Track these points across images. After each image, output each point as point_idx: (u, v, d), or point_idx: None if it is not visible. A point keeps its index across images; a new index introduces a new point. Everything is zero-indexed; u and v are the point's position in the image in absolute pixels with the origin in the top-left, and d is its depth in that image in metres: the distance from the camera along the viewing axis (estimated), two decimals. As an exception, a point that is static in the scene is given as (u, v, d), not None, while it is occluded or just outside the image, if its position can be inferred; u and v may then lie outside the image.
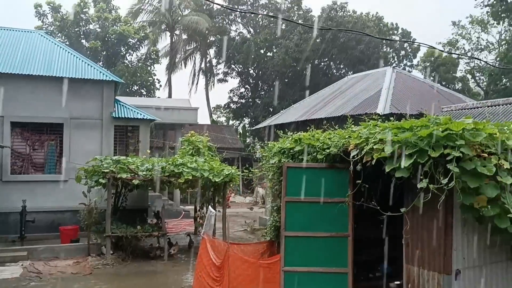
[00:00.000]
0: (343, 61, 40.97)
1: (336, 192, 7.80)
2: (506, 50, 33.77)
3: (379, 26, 41.91)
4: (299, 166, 8.24)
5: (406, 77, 19.26)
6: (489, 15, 37.28)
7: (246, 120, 48.20)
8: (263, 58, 43.42)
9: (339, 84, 21.11)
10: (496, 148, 5.88)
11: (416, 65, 45.24)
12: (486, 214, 5.72)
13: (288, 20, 40.53)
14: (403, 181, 6.27)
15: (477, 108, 12.52)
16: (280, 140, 9.65)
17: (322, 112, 16.65)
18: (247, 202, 30.41)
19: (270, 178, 9.63)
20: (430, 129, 5.89)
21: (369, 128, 7.09)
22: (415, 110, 13.48)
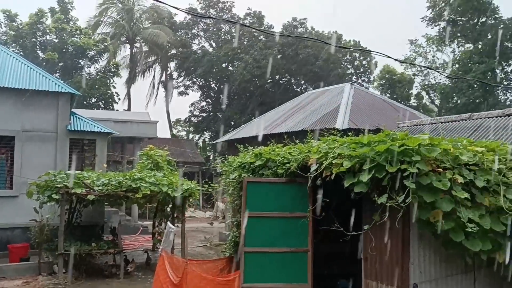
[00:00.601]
0: (303, 77, 41.62)
1: (296, 207, 7.79)
2: (457, 69, 35.32)
3: (339, 43, 42.93)
4: (259, 181, 8.20)
5: (364, 93, 19.74)
6: (441, 37, 39.03)
7: (207, 134, 47.96)
8: (225, 72, 43.52)
9: (299, 99, 21.36)
10: (451, 163, 6.04)
11: (373, 82, 46.56)
12: (442, 228, 5.83)
13: (261, 30, 40.87)
14: (362, 196, 6.32)
15: (432, 124, 12.93)
16: (240, 155, 9.59)
17: (282, 126, 16.76)
18: (207, 216, 30.04)
19: (230, 193, 9.55)
20: (388, 144, 5.99)
21: (328, 143, 7.15)
22: (373, 125, 13.79)
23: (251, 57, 38.85)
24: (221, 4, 44.82)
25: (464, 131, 11.08)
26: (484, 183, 6.10)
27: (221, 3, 44.82)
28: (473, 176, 6.10)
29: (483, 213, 5.98)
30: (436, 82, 42.32)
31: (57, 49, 34.12)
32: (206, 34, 46.30)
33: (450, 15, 36.12)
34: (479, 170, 6.24)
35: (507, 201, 6.06)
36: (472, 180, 6.07)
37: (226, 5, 44.91)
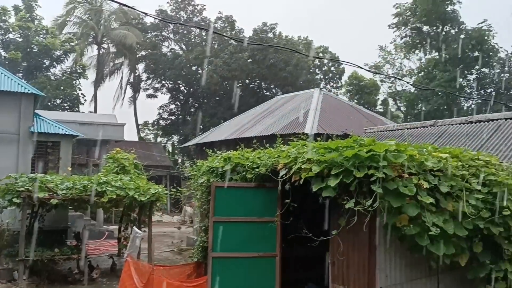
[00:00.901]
0: (272, 82, 41.82)
1: (265, 212, 7.77)
2: (422, 77, 36.29)
3: (308, 49, 43.37)
4: (228, 185, 8.14)
5: (332, 99, 20.00)
6: (407, 45, 40.04)
7: (175, 137, 47.48)
8: (195, 75, 43.26)
9: (269, 104, 21.44)
10: (416, 169, 6.16)
11: (341, 87, 47.23)
12: (408, 233, 5.93)
13: (237, 40, 40.79)
14: (330, 200, 6.36)
15: (398, 130, 13.20)
16: (209, 159, 9.51)
17: (252, 131, 16.76)
18: (174, 221, 29.67)
19: (198, 198, 9.44)
20: (355, 150, 6.05)
21: (297, 148, 7.17)
22: (340, 130, 13.96)
23: (222, 60, 38.78)
24: (192, 7, 44.59)
25: (429, 138, 11.35)
26: (448, 189, 6.26)
27: (192, 6, 44.59)
28: (438, 182, 6.24)
29: (447, 218, 6.12)
30: (403, 89, 43.36)
31: (21, 48, 33.08)
32: (176, 37, 45.93)
33: (415, 24, 37.10)
34: (444, 176, 6.39)
35: (469, 207, 6.22)
36: (437, 185, 6.21)
37: (196, 8, 44.70)
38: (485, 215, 6.35)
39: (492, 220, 6.43)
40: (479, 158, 7.13)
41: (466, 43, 32.62)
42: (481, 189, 6.48)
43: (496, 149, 9.17)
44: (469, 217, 6.18)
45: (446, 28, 35.88)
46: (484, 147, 9.52)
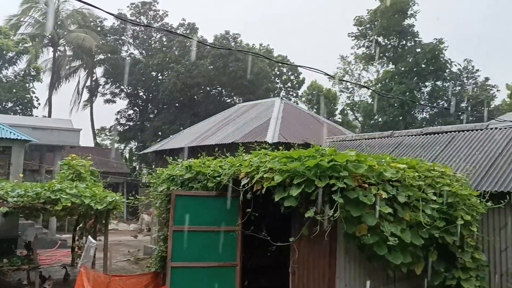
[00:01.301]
0: (233, 90, 41.84)
1: (226, 221, 7.70)
2: (379, 88, 37.32)
3: (268, 57, 43.67)
4: (189, 194, 8.03)
5: (293, 108, 20.17)
6: (365, 56, 41.17)
7: (133, 143, 46.54)
8: (155, 81, 42.65)
9: (230, 112, 21.39)
10: (375, 179, 6.29)
11: (301, 97, 47.85)
12: (367, 242, 6.04)
13: (204, 44, 40.46)
14: (291, 210, 6.38)
15: (356, 140, 13.46)
16: (169, 167, 9.35)
17: (213, 138, 16.63)
18: (131, 229, 28.99)
19: (158, 206, 9.25)
20: (317, 159, 6.11)
21: (259, 157, 7.17)
22: (301, 140, 14.08)
23: (183, 67, 38.45)
24: (153, 12, 44.05)
25: (386, 148, 11.63)
26: (405, 199, 6.42)
27: (153, 11, 44.06)
28: (396, 192, 6.40)
29: (404, 228, 6.28)
30: (360, 99, 44.41)
31: (-30, 48, 31.60)
32: (136, 41, 45.19)
33: (374, 36, 38.21)
34: (401, 186, 6.56)
35: (425, 216, 6.41)
36: (395, 195, 6.36)
37: (158, 13, 44.20)
38: (440, 225, 6.56)
39: (446, 230, 6.66)
40: (435, 169, 7.37)
41: (421, 57, 33.86)
42: (437, 199, 6.69)
43: (450, 160, 9.51)
44: (425, 226, 6.36)
45: (402, 42, 37.12)
46: (439, 158, 9.85)
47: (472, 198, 7.14)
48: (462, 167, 8.84)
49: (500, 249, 7.91)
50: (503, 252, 7.87)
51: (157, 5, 44.07)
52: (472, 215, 6.94)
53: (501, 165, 8.62)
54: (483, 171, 8.63)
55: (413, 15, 35.92)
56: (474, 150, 9.67)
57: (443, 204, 6.75)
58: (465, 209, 6.83)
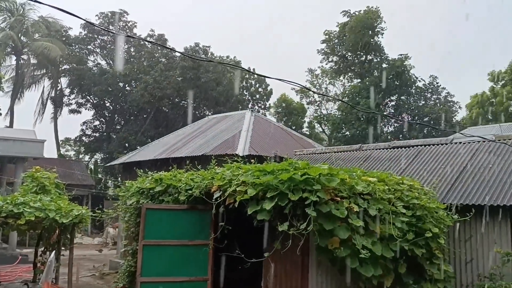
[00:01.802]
0: (203, 101, 41.70)
1: (197, 235, 7.61)
2: (347, 101, 38.01)
3: (236, 71, 43.82)
4: (159, 207, 7.89)
5: (263, 121, 20.26)
6: (333, 71, 41.97)
7: (99, 155, 45.52)
8: (122, 92, 42.02)
9: (200, 124, 21.27)
10: (347, 192, 6.36)
11: (269, 109, 48.20)
12: (339, 255, 6.08)
13: (183, 53, 40.11)
14: (264, 223, 6.37)
15: (326, 153, 13.61)
16: (139, 180, 9.18)
17: (182, 150, 16.47)
18: (95, 243, 28.22)
19: (126, 220, 9.03)
20: (291, 173, 6.14)
21: (232, 170, 7.14)
22: (272, 152, 14.13)
23: (152, 78, 38.08)
24: (123, 22, 43.58)
25: (355, 161, 11.81)
26: (376, 212, 6.51)
27: (123, 21, 43.60)
28: (367, 205, 6.49)
29: (375, 240, 6.36)
30: (328, 113, 45.12)
31: None
32: (103, 52, 44.50)
33: (341, 51, 39.02)
34: (372, 199, 6.66)
35: (395, 229, 6.51)
36: (366, 208, 6.44)
37: (127, 24, 43.75)
38: (409, 237, 6.67)
39: (415, 242, 6.78)
40: (404, 182, 7.53)
41: (388, 72, 34.77)
42: (406, 212, 6.81)
43: (417, 174, 9.74)
44: (395, 239, 6.46)
45: (369, 57, 38.06)
46: (406, 171, 10.07)
47: (439, 211, 7.31)
48: (429, 181, 9.06)
49: (465, 261, 8.12)
50: (469, 263, 8.08)
51: (127, 16, 43.67)
52: (440, 227, 7.10)
53: (465, 179, 8.89)
54: (449, 185, 8.87)
55: (380, 32, 36.96)
56: (440, 164, 9.94)
57: (412, 217, 6.88)
58: (433, 222, 6.98)
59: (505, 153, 9.13)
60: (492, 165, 8.98)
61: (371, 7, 36.57)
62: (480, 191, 8.26)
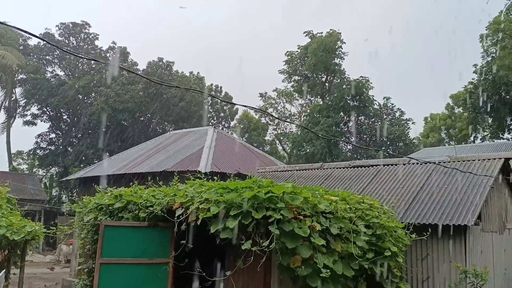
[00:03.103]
0: (165, 117, 41.28)
1: (158, 253, 7.43)
2: (307, 121, 38.63)
3: (200, 85, 43.80)
4: (118, 224, 7.67)
5: (226, 137, 20.24)
6: (294, 90, 42.68)
7: (54, 169, 43.97)
8: (81, 104, 40.97)
9: (161, 139, 21.01)
10: (310, 211, 6.41)
11: (233, 127, 48.32)
12: (300, 274, 6.08)
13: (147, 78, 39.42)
14: (227, 242, 6.30)
15: (288, 171, 13.71)
16: (97, 195, 8.92)
17: (143, 166, 16.17)
18: (47, 261, 27.04)
19: (83, 237, 8.72)
20: (255, 191, 6.13)
21: (195, 187, 7.06)
22: (234, 170, 14.11)
23: (113, 91, 37.38)
24: (84, 34, 42.74)
25: (317, 180, 11.95)
26: (337, 230, 6.59)
27: (84, 33, 42.75)
28: (329, 224, 6.55)
29: (336, 259, 6.41)
30: (289, 131, 45.67)
31: None
32: (62, 63, 43.37)
33: (303, 71, 39.79)
34: (334, 217, 6.73)
35: (356, 248, 6.60)
36: (328, 227, 6.50)
37: (89, 36, 42.94)
38: (369, 256, 6.77)
39: (375, 261, 6.88)
40: (364, 201, 7.67)
41: (347, 93, 35.64)
42: (366, 231, 6.93)
43: (376, 193, 9.96)
44: (356, 258, 6.54)
45: (330, 78, 38.98)
46: (366, 190, 10.28)
47: (398, 230, 7.48)
48: (388, 200, 9.28)
49: (422, 279, 8.32)
50: (425, 281, 8.29)
51: (89, 28, 42.87)
52: (398, 246, 7.25)
53: (422, 198, 9.16)
54: (407, 204, 9.12)
55: (340, 56, 37.97)
56: (398, 183, 10.22)
57: (372, 235, 7.00)
58: (392, 241, 7.13)
59: (458, 174, 9.50)
60: (447, 186, 9.31)
61: (333, 30, 37.61)
62: (436, 210, 8.54)
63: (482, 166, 9.72)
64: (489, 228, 9.39)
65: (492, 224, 9.61)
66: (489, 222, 9.46)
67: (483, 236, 9.02)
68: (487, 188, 8.81)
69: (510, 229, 10.79)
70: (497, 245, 9.75)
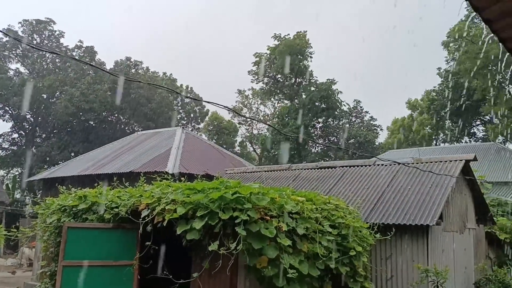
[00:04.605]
0: (133, 117, 40.68)
1: (123, 255, 7.31)
2: (276, 122, 38.89)
3: (171, 86, 43.39)
4: (82, 226, 7.51)
5: (194, 138, 20.13)
6: (264, 91, 42.83)
7: (16, 170, 42.60)
8: (45, 104, 39.88)
9: (129, 140, 20.70)
10: (277, 211, 6.44)
11: (203, 128, 48.03)
12: (267, 274, 6.10)
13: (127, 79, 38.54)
14: (194, 243, 6.27)
15: (256, 172, 13.75)
16: (60, 196, 8.71)
17: (109, 167, 15.89)
18: (8, 264, 26.13)
19: (45, 239, 8.49)
20: (221, 192, 6.12)
21: (162, 188, 6.99)
22: (202, 170, 14.05)
23: (78, 90, 36.55)
24: (48, 32, 41.61)
25: (285, 180, 12.03)
26: (304, 231, 6.64)
27: (48, 30, 41.63)
28: (295, 224, 6.60)
29: (302, 259, 6.46)
30: (259, 132, 45.78)
31: None
32: (25, 60, 42.11)
33: (272, 73, 40.00)
34: (300, 218, 6.79)
35: (322, 248, 6.68)
36: (294, 227, 6.55)
37: (54, 33, 41.84)
38: (335, 256, 6.87)
39: (340, 260, 6.99)
40: (330, 202, 7.77)
41: (316, 95, 36.06)
42: (332, 231, 7.02)
43: (343, 194, 10.11)
44: (322, 258, 6.62)
45: (298, 80, 39.34)
46: (332, 191, 10.43)
47: (363, 230, 7.62)
48: (353, 200, 9.44)
49: (386, 278, 8.50)
50: (389, 280, 8.47)
51: (54, 26, 41.79)
52: (363, 246, 7.39)
53: (387, 199, 9.37)
54: (372, 204, 9.30)
55: (308, 57, 38.38)
56: (363, 184, 10.40)
57: (338, 235, 7.10)
58: (357, 241, 7.26)
59: (422, 175, 9.76)
60: (411, 187, 9.55)
61: (300, 32, 37.99)
62: (400, 211, 8.74)
63: (444, 167, 10.02)
64: (450, 228, 9.69)
65: (453, 224, 9.92)
66: (450, 222, 9.76)
67: (445, 236, 9.30)
68: (448, 189, 9.08)
69: (470, 228, 11.16)
70: (458, 244, 10.07)
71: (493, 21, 2.34)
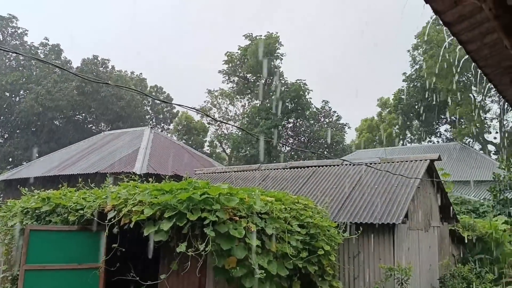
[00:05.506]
0: (101, 116, 39.90)
1: (88, 258, 7.13)
2: (246, 122, 38.90)
3: (141, 86, 42.83)
4: (46, 229, 7.29)
5: (163, 139, 19.89)
6: (234, 91, 42.80)
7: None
8: (8, 102, 38.63)
9: (95, 139, 20.27)
10: (246, 211, 6.43)
11: (172, 129, 47.56)
12: (235, 275, 6.08)
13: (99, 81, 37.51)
14: (162, 244, 6.18)
15: (226, 172, 13.71)
16: (23, 198, 8.45)
17: (75, 167, 15.52)
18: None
19: (6, 243, 8.21)
20: (190, 192, 6.06)
21: (128, 189, 6.87)
22: (171, 171, 13.90)
23: (44, 88, 35.56)
24: (12, 29, 40.31)
25: (254, 181, 12.04)
26: (273, 231, 6.66)
27: (12, 27, 40.33)
28: (264, 224, 6.60)
29: (271, 259, 6.48)
30: (229, 132, 45.67)
31: None
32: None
33: (243, 73, 40.02)
34: (269, 218, 6.81)
35: (291, 247, 6.71)
36: (263, 228, 6.55)
37: (17, 31, 40.57)
38: (303, 255, 6.92)
39: (309, 260, 7.04)
40: (299, 201, 7.82)
41: (286, 95, 36.26)
42: (301, 230, 7.07)
43: (311, 193, 10.20)
44: (290, 257, 6.65)
45: (269, 80, 39.49)
46: (302, 190, 10.50)
47: (331, 229, 7.70)
48: (322, 200, 9.53)
49: (353, 276, 8.62)
50: (356, 279, 8.60)
51: (17, 22, 40.51)
52: (331, 245, 7.47)
53: (354, 198, 9.50)
54: (340, 204, 9.41)
55: (279, 57, 38.57)
56: (332, 184, 10.52)
57: (306, 235, 7.15)
58: (325, 240, 7.33)
59: (389, 175, 9.94)
60: (378, 186, 9.72)
61: (271, 33, 38.15)
62: (367, 210, 8.88)
63: (410, 167, 10.24)
64: (415, 226, 9.91)
65: (418, 222, 10.15)
66: (415, 220, 9.98)
67: (410, 234, 9.51)
68: (414, 188, 9.28)
69: (435, 226, 11.45)
70: (423, 242, 10.32)
71: (453, 24, 2.39)
